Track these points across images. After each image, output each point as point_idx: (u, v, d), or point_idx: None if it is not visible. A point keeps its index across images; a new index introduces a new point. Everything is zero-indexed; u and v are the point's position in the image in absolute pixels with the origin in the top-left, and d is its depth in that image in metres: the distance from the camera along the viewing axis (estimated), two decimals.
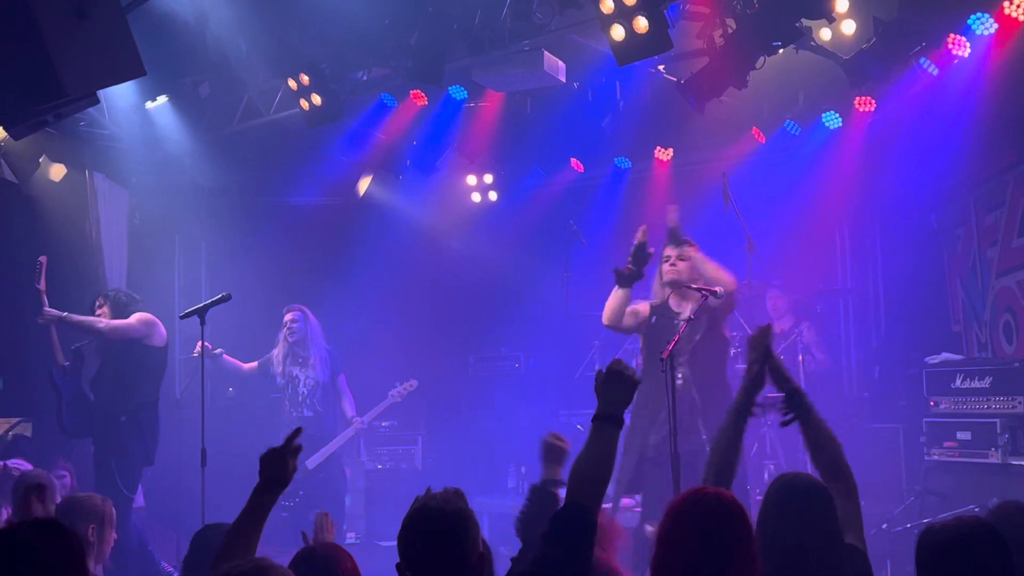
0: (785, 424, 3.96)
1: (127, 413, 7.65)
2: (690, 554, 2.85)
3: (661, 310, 6.92)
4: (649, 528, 5.97)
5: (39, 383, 9.24)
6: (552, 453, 4.38)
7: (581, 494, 3.07)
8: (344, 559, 3.63)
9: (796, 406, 3.91)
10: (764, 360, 4.04)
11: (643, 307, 6.99)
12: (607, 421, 3.17)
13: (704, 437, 6.36)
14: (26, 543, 2.70)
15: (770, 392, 4.08)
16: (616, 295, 6.80)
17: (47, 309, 7.59)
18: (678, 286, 6.83)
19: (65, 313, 7.61)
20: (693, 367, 6.65)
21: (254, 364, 9.44)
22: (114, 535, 5.29)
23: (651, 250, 6.81)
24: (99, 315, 7.83)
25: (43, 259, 7.67)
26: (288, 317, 9.28)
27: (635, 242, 6.76)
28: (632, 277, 6.78)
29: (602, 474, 3.13)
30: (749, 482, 6.95)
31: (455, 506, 2.99)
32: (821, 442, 3.85)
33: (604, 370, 3.28)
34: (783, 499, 3.07)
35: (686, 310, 6.72)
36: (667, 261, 6.93)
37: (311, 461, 8.99)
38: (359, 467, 10.63)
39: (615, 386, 3.25)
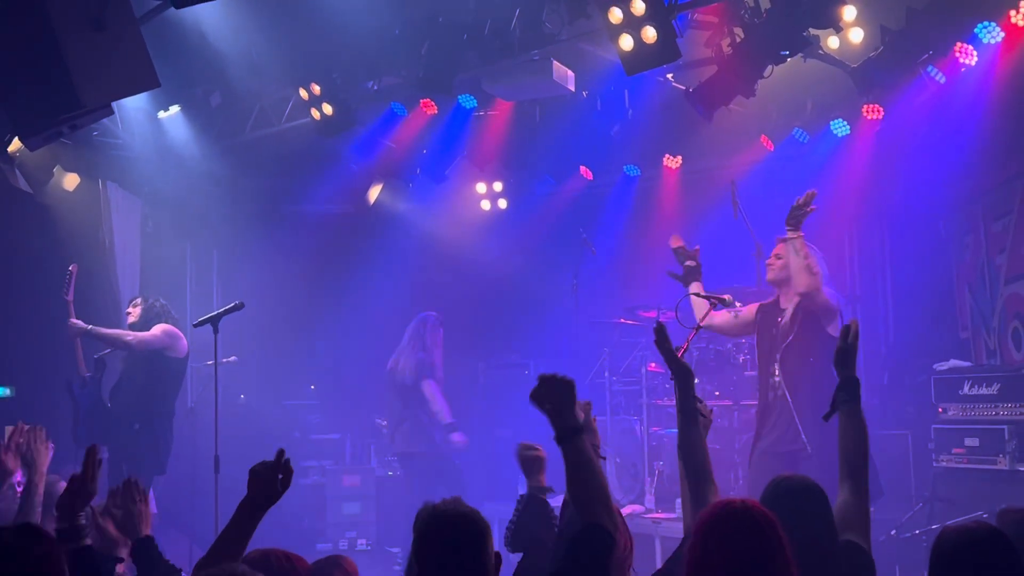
0: (827, 417, 3.85)
1: (141, 421, 7.72)
2: (723, 570, 2.76)
3: (768, 308, 6.92)
4: None
5: (50, 391, 9.31)
6: (530, 464, 4.40)
7: (593, 514, 3.09)
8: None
9: (846, 395, 3.80)
10: (672, 357, 4.00)
11: (747, 310, 7.02)
12: (570, 437, 3.18)
13: (804, 439, 6.31)
14: (7, 547, 2.76)
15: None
16: (700, 306, 6.63)
17: (74, 321, 7.63)
18: (774, 284, 6.86)
19: (91, 326, 7.65)
20: (784, 370, 6.60)
21: None
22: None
23: (695, 248, 6.92)
24: (130, 314, 7.88)
25: (73, 268, 7.73)
26: None
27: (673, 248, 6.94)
28: (690, 274, 6.89)
29: (599, 487, 3.16)
30: (755, 490, 6.96)
31: (470, 510, 2.99)
32: (850, 436, 3.77)
33: (540, 387, 3.24)
34: (776, 502, 3.08)
35: (790, 307, 6.69)
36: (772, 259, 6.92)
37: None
38: (369, 474, 10.68)
39: (552, 395, 3.23)
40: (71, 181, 9.55)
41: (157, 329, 7.82)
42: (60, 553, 2.89)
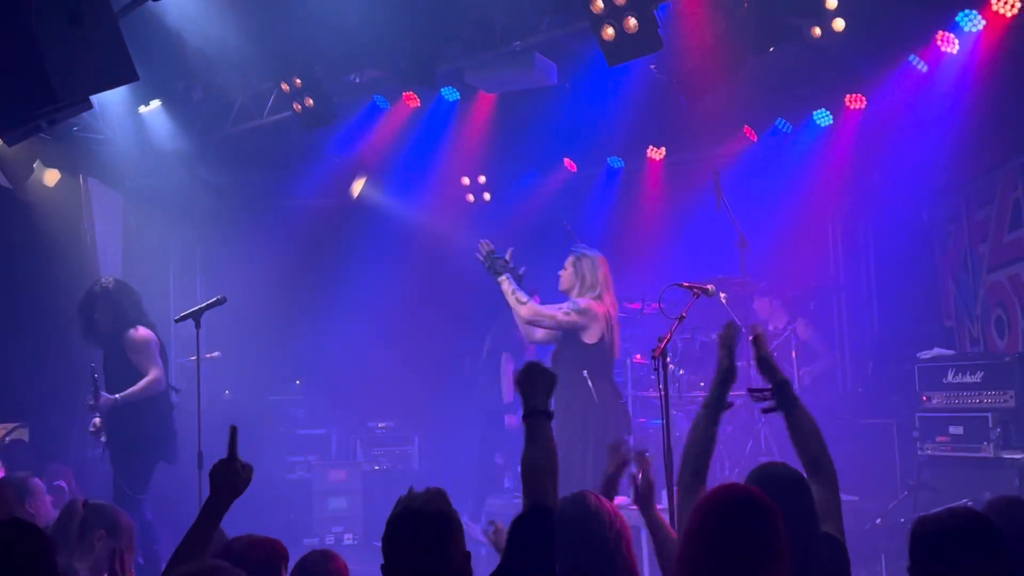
0: (765, 412, 4.06)
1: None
2: (718, 552, 2.81)
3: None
4: None
5: (36, 387, 9.27)
6: None
7: (539, 493, 3.12)
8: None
9: (783, 398, 3.95)
10: (732, 356, 4.12)
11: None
12: (540, 416, 3.24)
13: None
14: None
15: (740, 388, 4.14)
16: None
17: (105, 397, 7.27)
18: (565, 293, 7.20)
19: (117, 396, 7.37)
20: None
21: None
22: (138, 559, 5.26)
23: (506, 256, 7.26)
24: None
25: (95, 367, 7.44)
26: None
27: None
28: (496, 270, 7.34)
29: (552, 467, 3.18)
30: (742, 477, 6.97)
31: (438, 507, 2.98)
32: (805, 435, 3.88)
33: (523, 373, 3.34)
34: (760, 488, 3.10)
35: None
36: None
37: None
38: (355, 469, 10.66)
39: (536, 382, 3.30)
40: (52, 177, 9.50)
41: (152, 370, 7.52)
42: (49, 547, 2.89)
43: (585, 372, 6.85)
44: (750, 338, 4.20)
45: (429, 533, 2.93)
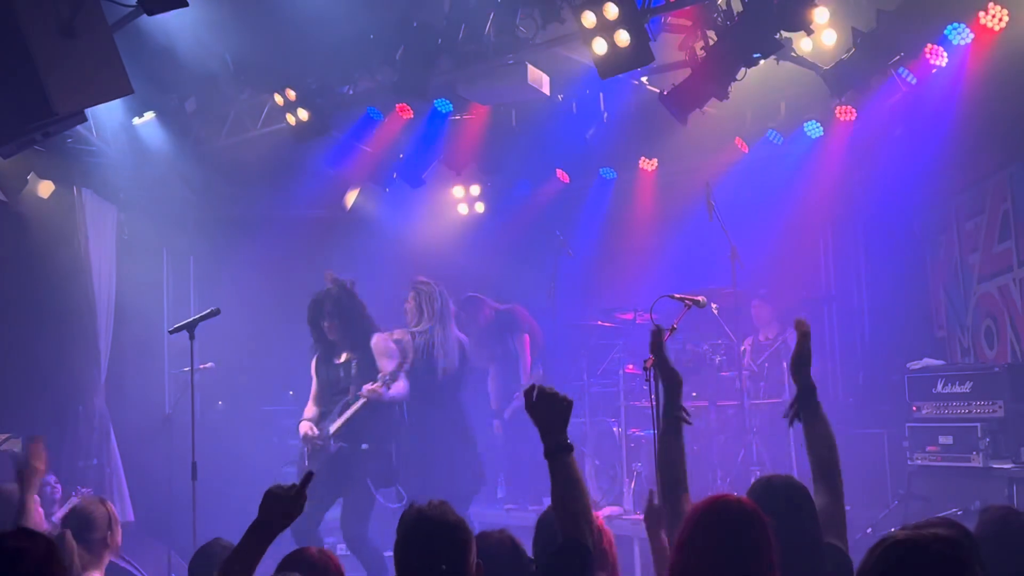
0: (790, 420, 3.96)
1: None
2: (709, 562, 2.82)
3: None
4: None
5: (28, 398, 9.26)
6: None
7: (574, 529, 3.14)
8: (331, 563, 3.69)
9: (805, 402, 3.89)
10: (667, 361, 4.15)
11: None
12: (559, 453, 3.22)
13: None
14: (6, 550, 2.78)
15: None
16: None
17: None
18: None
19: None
20: None
21: None
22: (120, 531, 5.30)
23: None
24: None
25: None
26: None
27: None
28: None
29: (583, 502, 3.21)
30: (736, 489, 7.01)
31: (455, 517, 2.98)
32: (818, 442, 3.85)
33: (535, 398, 3.27)
34: (762, 501, 3.09)
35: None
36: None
37: None
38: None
39: (551, 411, 3.26)
40: (46, 188, 9.50)
41: None
42: (59, 555, 2.91)
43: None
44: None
45: (450, 542, 2.93)
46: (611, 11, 6.83)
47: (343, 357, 7.69)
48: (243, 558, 3.12)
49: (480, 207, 11.73)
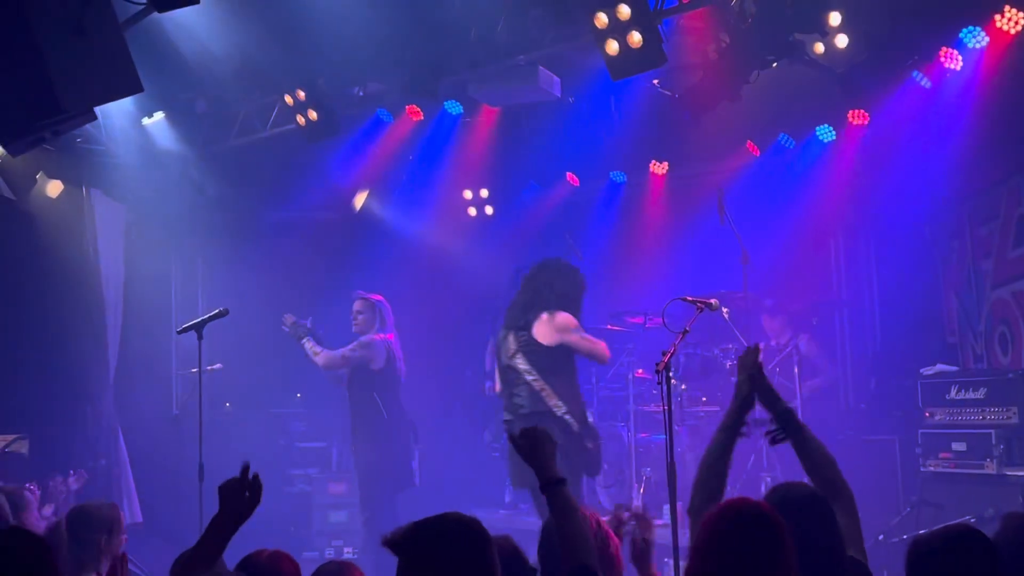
0: (774, 443, 3.97)
1: None
2: (726, 566, 2.78)
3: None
4: None
5: (38, 399, 9.24)
6: None
7: (583, 556, 3.24)
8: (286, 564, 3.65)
9: (787, 427, 3.90)
10: (752, 379, 4.06)
11: None
12: (555, 486, 3.37)
13: None
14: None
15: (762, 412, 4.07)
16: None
17: None
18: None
19: None
20: None
21: None
22: (124, 538, 5.24)
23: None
24: None
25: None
26: None
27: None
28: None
29: (584, 530, 3.35)
30: (747, 495, 6.95)
31: (472, 517, 2.91)
32: (817, 461, 3.83)
33: (522, 440, 3.46)
34: (781, 513, 3.01)
35: None
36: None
37: None
38: (355, 482, 10.60)
39: (538, 448, 3.45)
40: (54, 188, 9.50)
41: None
42: (51, 555, 2.89)
43: (375, 394, 8.28)
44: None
45: (474, 541, 2.85)
46: (624, 12, 6.80)
47: None
48: (202, 553, 3.26)
49: (489, 210, 11.69)
